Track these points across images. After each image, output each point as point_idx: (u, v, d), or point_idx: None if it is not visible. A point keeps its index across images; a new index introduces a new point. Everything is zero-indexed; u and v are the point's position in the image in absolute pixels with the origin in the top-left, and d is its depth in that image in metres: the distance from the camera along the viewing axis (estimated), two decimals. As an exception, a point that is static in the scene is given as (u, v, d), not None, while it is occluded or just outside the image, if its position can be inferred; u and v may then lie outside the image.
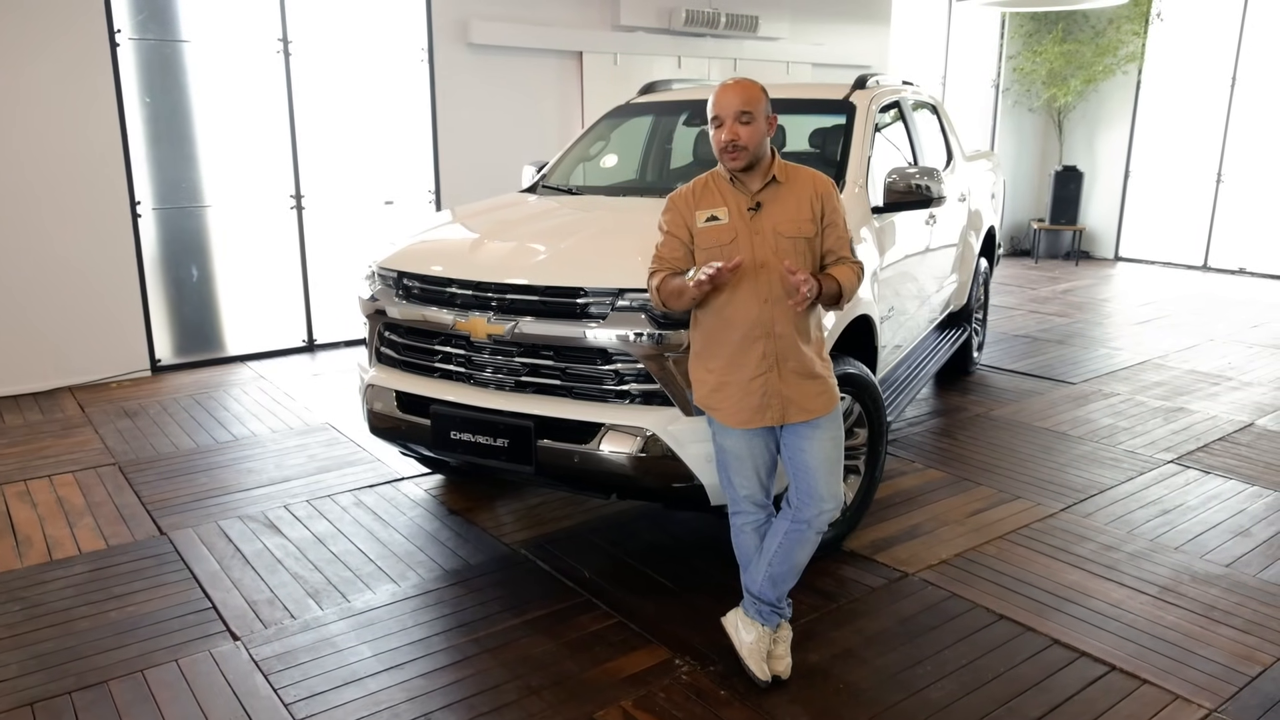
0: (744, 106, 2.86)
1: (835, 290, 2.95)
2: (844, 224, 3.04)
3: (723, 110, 2.90)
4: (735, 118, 2.87)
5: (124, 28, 6.47)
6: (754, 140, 2.89)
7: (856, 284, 3.01)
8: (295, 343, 7.65)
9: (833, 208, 3.01)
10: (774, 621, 3.15)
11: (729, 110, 2.88)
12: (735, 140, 2.88)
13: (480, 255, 3.78)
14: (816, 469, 2.97)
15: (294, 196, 7.40)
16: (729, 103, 2.89)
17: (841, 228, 3.03)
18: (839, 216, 3.02)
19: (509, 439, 3.60)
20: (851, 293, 3.00)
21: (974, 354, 7.02)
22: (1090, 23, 12.30)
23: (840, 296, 2.97)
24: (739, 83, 2.93)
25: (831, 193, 3.02)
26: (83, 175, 6.42)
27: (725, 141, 2.89)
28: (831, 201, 3.01)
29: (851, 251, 3.05)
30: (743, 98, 2.88)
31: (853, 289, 3.00)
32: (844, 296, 2.98)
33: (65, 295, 6.49)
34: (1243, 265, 11.50)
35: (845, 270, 2.99)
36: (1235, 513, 4.48)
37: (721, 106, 2.90)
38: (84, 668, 3.27)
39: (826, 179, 3.05)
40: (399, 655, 3.34)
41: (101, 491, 4.79)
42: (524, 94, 8.41)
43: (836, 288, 2.95)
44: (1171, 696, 3.06)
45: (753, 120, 2.88)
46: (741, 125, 2.87)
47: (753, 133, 2.88)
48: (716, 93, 2.94)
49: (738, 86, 2.92)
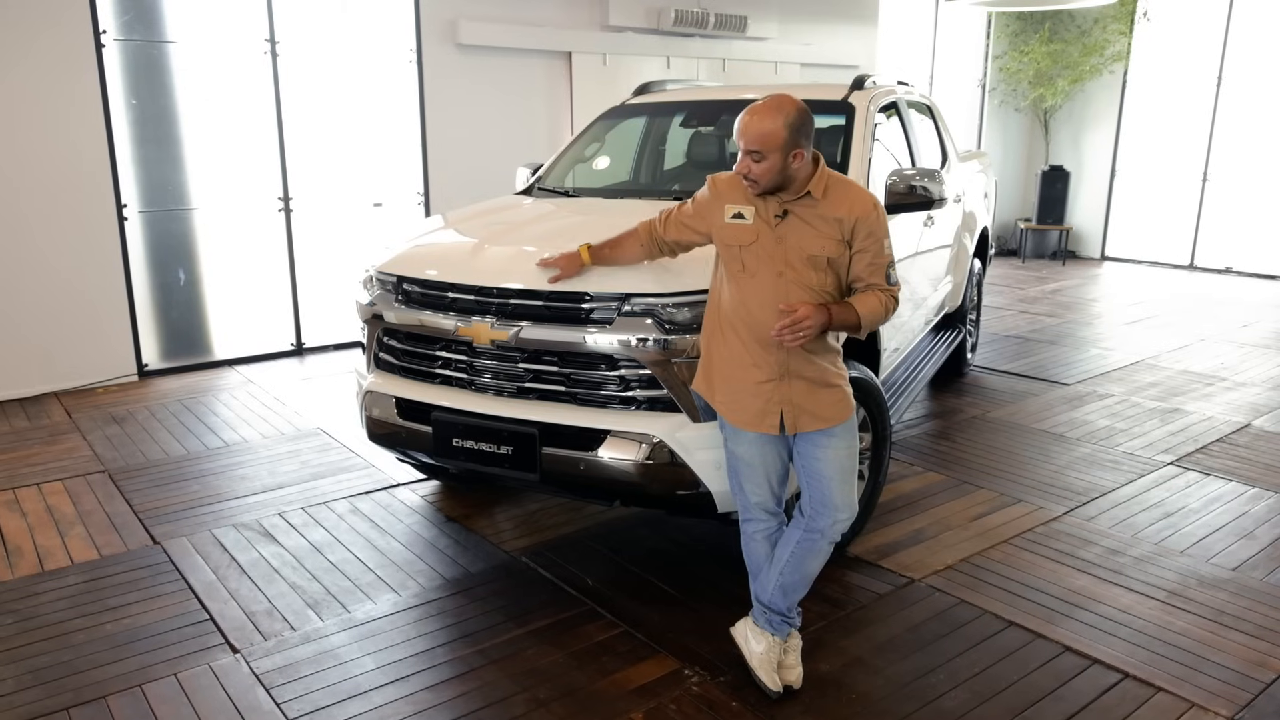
0: (755, 145, 2.74)
1: (852, 321, 2.83)
2: (882, 249, 2.86)
3: (739, 139, 2.78)
4: (747, 153, 2.77)
5: (109, 28, 6.36)
6: (766, 177, 2.77)
7: (882, 314, 2.87)
8: (284, 346, 7.55)
9: (867, 232, 2.83)
10: (785, 631, 3.11)
11: (743, 143, 2.77)
12: (747, 174, 2.81)
13: (482, 259, 3.72)
14: (831, 478, 2.93)
15: (282, 199, 7.31)
16: (744, 136, 2.76)
17: (875, 254, 2.85)
18: (873, 242, 2.84)
19: (513, 446, 3.54)
20: (873, 323, 2.87)
21: (967, 355, 7.01)
22: (1076, 22, 12.34)
23: (859, 327, 2.87)
24: (759, 112, 2.77)
25: (870, 216, 2.83)
26: (68, 178, 6.32)
27: (740, 173, 2.82)
28: (867, 225, 2.83)
29: (887, 278, 2.89)
30: (756, 135, 2.74)
31: (874, 319, 2.86)
32: (862, 328, 2.87)
33: (50, 299, 6.38)
34: (1229, 265, 11.55)
35: (870, 299, 2.85)
36: (1238, 515, 4.47)
37: (739, 135, 2.78)
38: (81, 682, 3.19)
39: (868, 202, 2.86)
40: (403, 667, 3.28)
41: (92, 499, 4.70)
42: (513, 95, 8.35)
43: (855, 319, 2.83)
44: (1187, 704, 3.04)
45: (764, 159, 2.75)
46: (754, 163, 2.77)
47: (765, 170, 2.76)
48: (740, 118, 2.80)
49: (754, 119, 2.76)
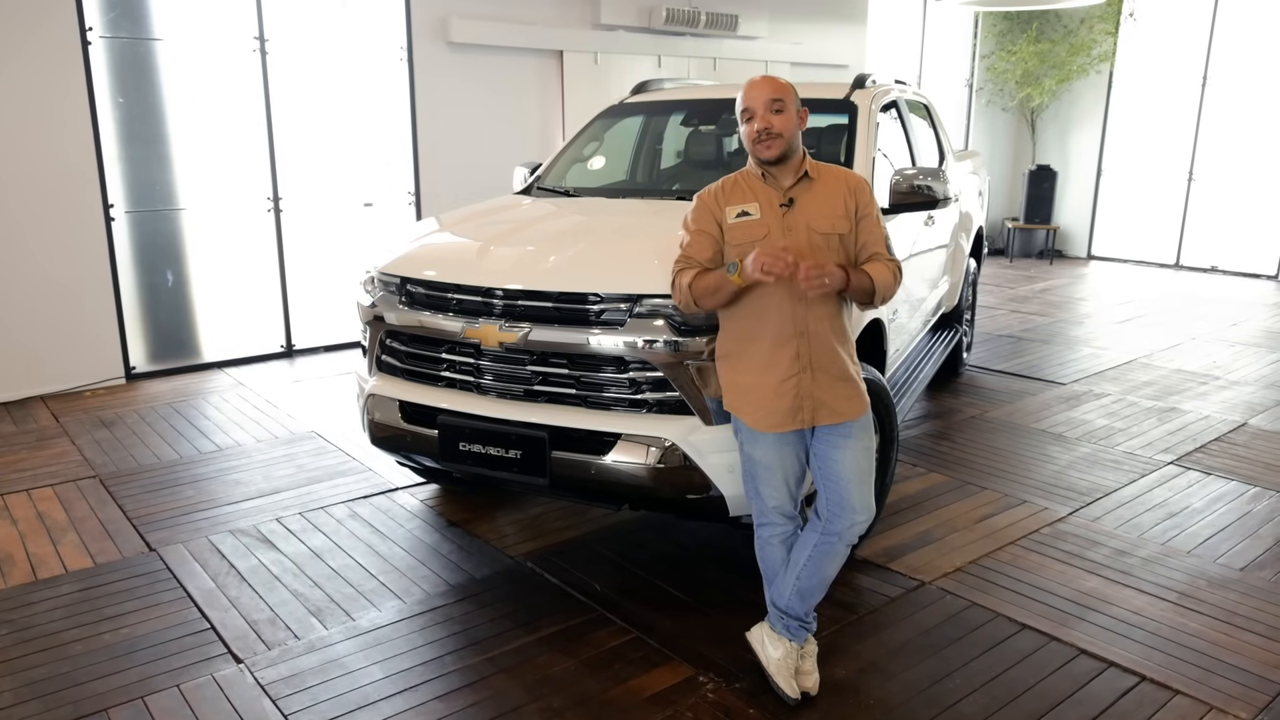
0: (775, 94, 2.85)
1: (867, 286, 2.85)
2: (878, 219, 2.96)
3: (753, 101, 2.86)
4: (767, 106, 2.84)
5: (95, 26, 6.26)
6: (788, 128, 2.85)
7: (892, 282, 2.91)
8: (274, 348, 7.45)
9: (866, 202, 2.94)
10: (802, 637, 3.07)
11: (760, 100, 2.85)
12: (769, 128, 2.83)
13: (488, 260, 3.65)
14: (849, 479, 2.89)
15: (271, 199, 7.22)
16: (759, 94, 2.86)
17: (875, 221, 2.95)
18: (873, 210, 2.95)
19: (522, 450, 3.48)
20: (886, 290, 2.89)
21: (963, 355, 7.00)
22: (1063, 22, 12.37)
23: (873, 293, 2.87)
24: (766, 77, 2.93)
25: (864, 188, 2.96)
26: (54, 178, 6.20)
27: (759, 130, 2.84)
28: (865, 196, 2.94)
29: (888, 248, 2.96)
30: (773, 86, 2.87)
31: (887, 286, 2.89)
32: (876, 294, 2.88)
33: (36, 301, 6.26)
34: (1215, 264, 11.61)
35: (879, 267, 2.89)
36: (1241, 515, 4.46)
37: (752, 98, 2.87)
38: (81, 695, 3.11)
39: (858, 175, 3.00)
40: (411, 676, 3.22)
41: (84, 506, 4.61)
42: (504, 93, 8.28)
43: (869, 283, 2.85)
44: (1206, 707, 3.02)
45: (784, 109, 2.85)
46: (774, 114, 2.83)
47: (785, 120, 2.85)
48: (745, 88, 2.92)
49: (765, 79, 2.91)
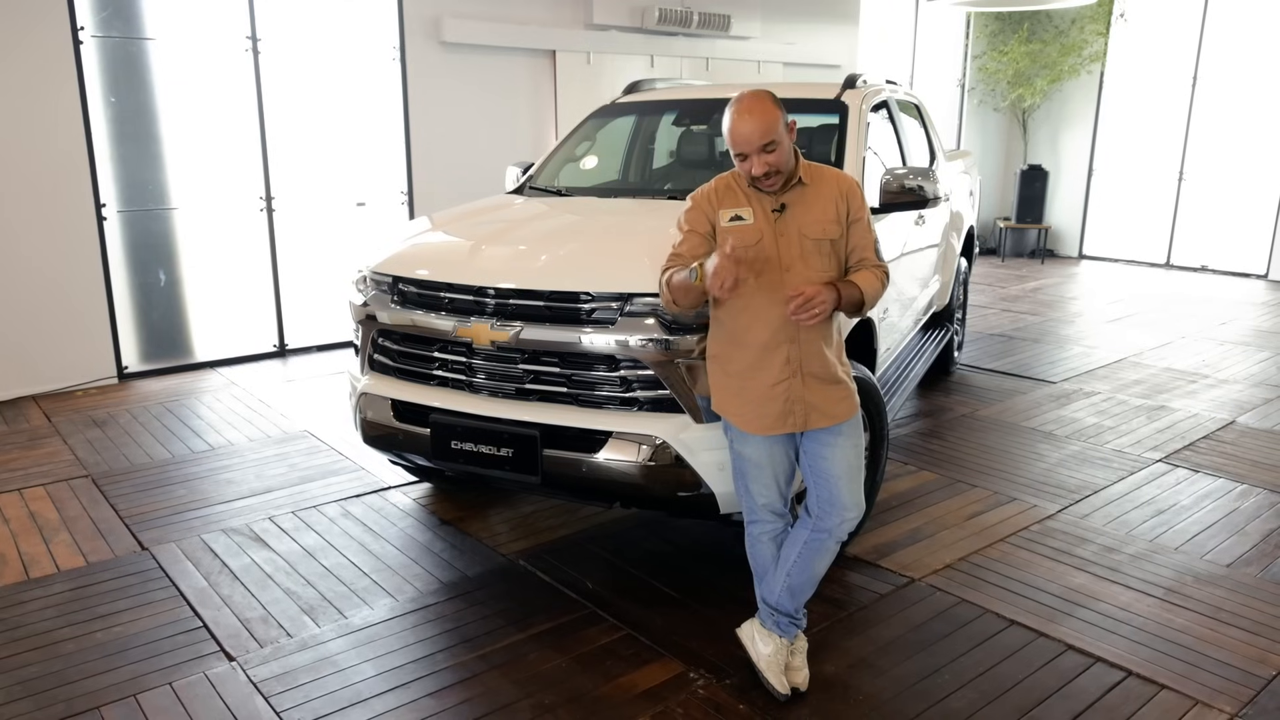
0: (765, 137, 2.72)
1: (857, 298, 2.85)
2: (869, 224, 2.95)
3: (745, 146, 2.74)
4: (760, 150, 2.75)
5: (87, 25, 6.25)
6: (783, 161, 2.79)
7: (880, 289, 2.92)
8: (266, 348, 7.46)
9: (858, 206, 2.93)
10: (792, 633, 3.09)
11: (752, 145, 2.73)
12: (767, 171, 2.77)
13: (480, 259, 3.67)
14: (839, 477, 2.91)
15: (264, 198, 7.22)
16: (749, 138, 2.73)
17: (866, 225, 2.94)
18: (864, 214, 2.94)
19: (514, 448, 3.49)
20: (874, 299, 2.90)
21: (954, 354, 7.03)
22: (1054, 23, 12.42)
23: (862, 305, 2.88)
24: (752, 109, 2.74)
25: (856, 191, 2.94)
26: (46, 177, 6.20)
27: (758, 174, 2.77)
28: (856, 200, 2.93)
29: (876, 254, 2.96)
30: (761, 128, 2.71)
31: (875, 295, 2.90)
32: (865, 304, 2.89)
33: (28, 300, 6.26)
34: (1205, 263, 11.67)
35: (868, 276, 2.89)
36: (1229, 512, 4.50)
37: (742, 141, 2.74)
38: (73, 693, 3.12)
39: (851, 178, 2.97)
40: (403, 674, 3.23)
41: (76, 505, 4.61)
42: (497, 93, 8.29)
43: (859, 295, 2.85)
44: (1192, 702, 3.04)
45: (778, 145, 2.75)
46: (768, 154, 2.75)
47: (779, 156, 2.77)
48: (732, 123, 2.76)
49: (753, 116, 2.73)
